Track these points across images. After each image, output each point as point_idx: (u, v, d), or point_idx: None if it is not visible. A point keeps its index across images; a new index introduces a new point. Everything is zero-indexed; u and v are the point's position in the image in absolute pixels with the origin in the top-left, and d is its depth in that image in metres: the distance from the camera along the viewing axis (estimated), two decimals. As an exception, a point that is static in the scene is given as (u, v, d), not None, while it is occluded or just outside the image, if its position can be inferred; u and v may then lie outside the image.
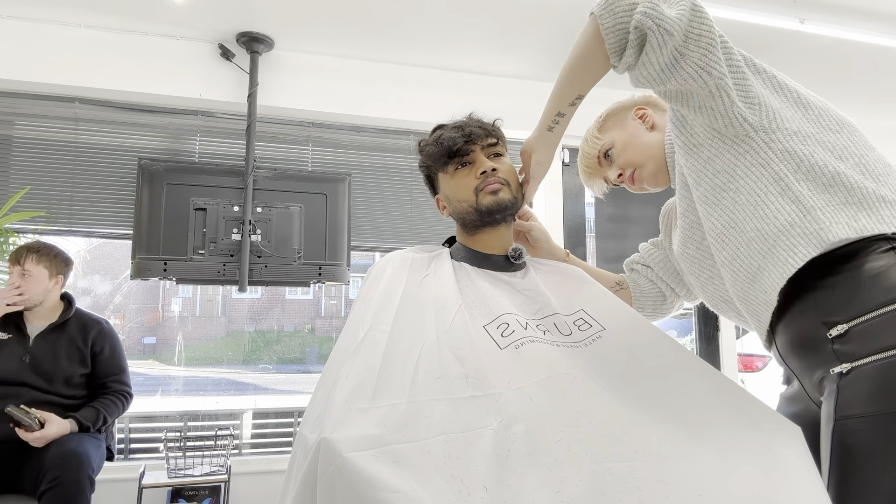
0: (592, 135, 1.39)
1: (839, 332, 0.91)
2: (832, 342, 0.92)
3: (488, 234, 1.24)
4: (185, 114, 3.06)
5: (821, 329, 0.94)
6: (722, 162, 1.05)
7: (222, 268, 2.78)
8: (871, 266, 0.92)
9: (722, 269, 1.11)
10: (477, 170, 1.22)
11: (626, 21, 0.98)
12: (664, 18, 0.95)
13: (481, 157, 1.23)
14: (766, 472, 0.84)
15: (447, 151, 1.22)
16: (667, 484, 0.78)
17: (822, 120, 1.05)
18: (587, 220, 3.64)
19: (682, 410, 0.93)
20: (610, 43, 1.00)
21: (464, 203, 1.22)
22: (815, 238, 0.95)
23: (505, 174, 1.23)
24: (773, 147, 1.01)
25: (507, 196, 1.21)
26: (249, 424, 3.27)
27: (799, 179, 0.99)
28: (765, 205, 1.00)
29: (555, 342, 1.03)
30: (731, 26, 2.85)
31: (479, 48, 3.12)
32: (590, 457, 0.81)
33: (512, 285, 1.17)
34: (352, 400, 0.84)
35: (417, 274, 1.14)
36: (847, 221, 0.95)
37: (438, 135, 1.26)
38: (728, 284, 1.11)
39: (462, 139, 1.21)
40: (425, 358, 0.93)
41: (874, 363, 0.87)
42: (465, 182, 1.22)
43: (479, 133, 1.23)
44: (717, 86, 0.99)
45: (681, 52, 0.97)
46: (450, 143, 1.22)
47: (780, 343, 1.06)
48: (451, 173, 1.25)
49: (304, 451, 0.83)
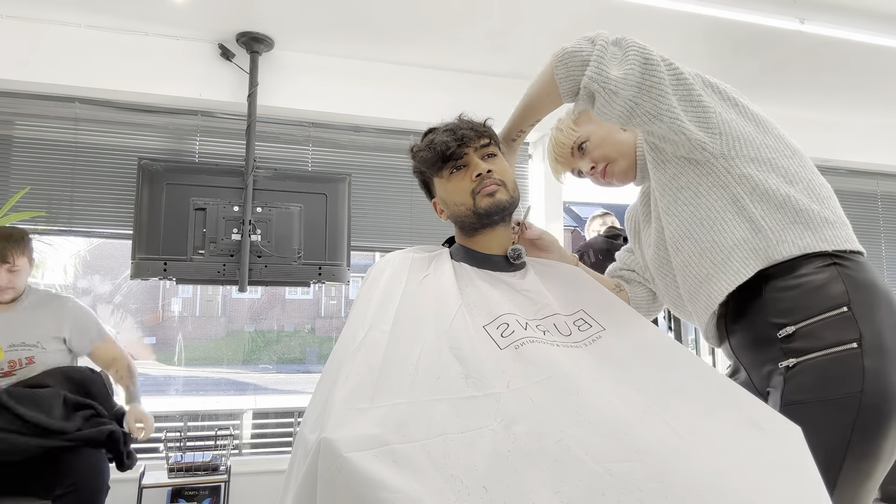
0: (568, 126, 1.43)
1: (787, 332, 1.09)
2: (781, 341, 1.10)
3: (487, 235, 1.24)
4: (185, 114, 3.06)
5: (772, 330, 1.12)
6: (686, 179, 1.20)
7: (222, 268, 2.78)
8: (814, 278, 1.10)
9: (676, 272, 1.28)
10: (472, 172, 1.21)
11: (577, 77, 1.11)
12: (609, 81, 1.08)
13: (475, 159, 1.22)
14: (766, 472, 0.84)
15: (440, 156, 1.21)
16: (666, 484, 0.78)
17: (778, 146, 1.19)
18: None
19: (682, 410, 0.93)
20: (563, 90, 1.15)
21: (461, 207, 1.22)
22: (764, 254, 1.13)
23: (500, 174, 1.22)
24: (731, 172, 1.16)
25: (504, 197, 1.21)
26: (249, 424, 3.28)
27: (754, 201, 1.15)
28: (722, 221, 1.16)
29: (555, 342, 1.03)
30: (731, 26, 2.86)
31: (479, 48, 3.12)
32: (590, 457, 0.81)
33: (512, 285, 1.17)
34: (352, 400, 0.85)
35: (417, 274, 1.14)
36: (793, 240, 1.12)
37: (430, 139, 1.25)
38: (680, 285, 1.28)
39: (455, 143, 1.21)
40: (425, 358, 0.94)
41: (816, 359, 1.05)
42: (462, 186, 1.22)
43: (470, 135, 1.22)
44: (672, 128, 1.12)
45: (632, 105, 1.10)
46: (442, 148, 1.21)
47: (733, 340, 1.23)
48: (447, 178, 1.24)
49: (304, 451, 0.83)
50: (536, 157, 3.57)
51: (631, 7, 2.71)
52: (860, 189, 4.15)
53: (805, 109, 3.91)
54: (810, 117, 3.93)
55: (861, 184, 4.16)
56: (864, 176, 4.16)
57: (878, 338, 1.04)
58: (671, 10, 2.70)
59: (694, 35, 2.96)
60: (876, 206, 4.17)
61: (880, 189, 4.19)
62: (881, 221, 4.15)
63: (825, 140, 3.95)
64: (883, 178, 4.20)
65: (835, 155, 3.96)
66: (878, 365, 1.02)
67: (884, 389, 1.01)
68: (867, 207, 4.15)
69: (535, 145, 3.57)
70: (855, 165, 4.08)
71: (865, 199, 4.16)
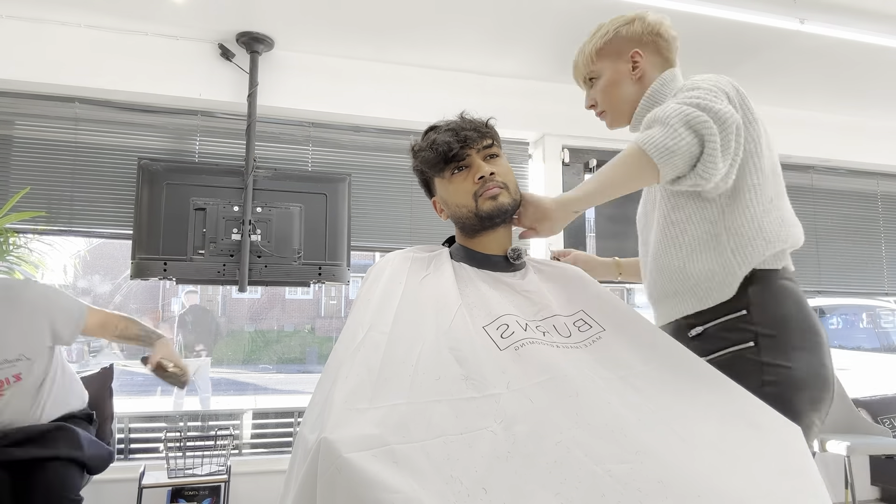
0: (590, 55, 1.44)
1: (697, 332, 1.28)
2: (691, 340, 1.28)
3: (488, 237, 1.24)
4: (185, 114, 3.06)
5: (685, 329, 1.31)
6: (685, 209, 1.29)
7: (222, 268, 2.78)
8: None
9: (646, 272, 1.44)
10: (475, 174, 1.20)
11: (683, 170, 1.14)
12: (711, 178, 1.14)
13: (478, 160, 1.21)
14: (766, 472, 0.84)
15: (442, 157, 1.20)
16: (666, 485, 0.78)
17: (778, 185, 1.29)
18: (587, 220, 3.64)
19: (682, 411, 0.93)
20: (664, 177, 1.15)
21: (463, 208, 1.21)
22: (729, 288, 1.25)
23: (503, 176, 1.22)
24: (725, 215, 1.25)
25: (506, 200, 1.20)
26: (249, 424, 3.27)
27: (730, 242, 1.25)
28: (700, 253, 1.27)
29: (554, 343, 1.03)
30: (731, 26, 2.86)
31: (479, 48, 3.12)
32: (589, 458, 0.81)
33: (512, 286, 1.16)
34: (352, 400, 0.84)
35: (417, 274, 1.14)
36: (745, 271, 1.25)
37: (432, 139, 1.23)
38: (645, 286, 1.45)
39: (457, 143, 1.19)
40: (425, 359, 0.93)
41: (720, 356, 1.22)
42: (464, 187, 1.21)
43: (473, 136, 1.21)
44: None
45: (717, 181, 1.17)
46: (444, 148, 1.19)
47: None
48: (448, 178, 1.23)
49: (304, 452, 0.83)
50: (536, 157, 3.57)
51: (630, 7, 2.70)
52: (860, 189, 4.15)
53: (805, 109, 3.90)
54: (810, 117, 3.93)
55: (861, 184, 4.15)
56: (864, 176, 4.16)
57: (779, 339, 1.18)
58: (671, 10, 2.70)
59: (694, 35, 2.96)
60: (876, 206, 4.16)
61: (880, 189, 4.18)
62: (881, 221, 4.15)
63: (825, 140, 3.95)
64: (883, 178, 4.19)
65: (835, 155, 3.96)
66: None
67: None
68: (867, 207, 4.14)
69: (535, 145, 3.57)
70: (855, 165, 4.08)
71: (865, 199, 4.15)
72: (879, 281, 4.08)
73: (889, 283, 4.09)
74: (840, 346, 5.03)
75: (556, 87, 3.42)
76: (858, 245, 4.06)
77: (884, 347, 5.09)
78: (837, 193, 4.08)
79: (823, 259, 3.95)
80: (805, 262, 3.91)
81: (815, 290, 3.96)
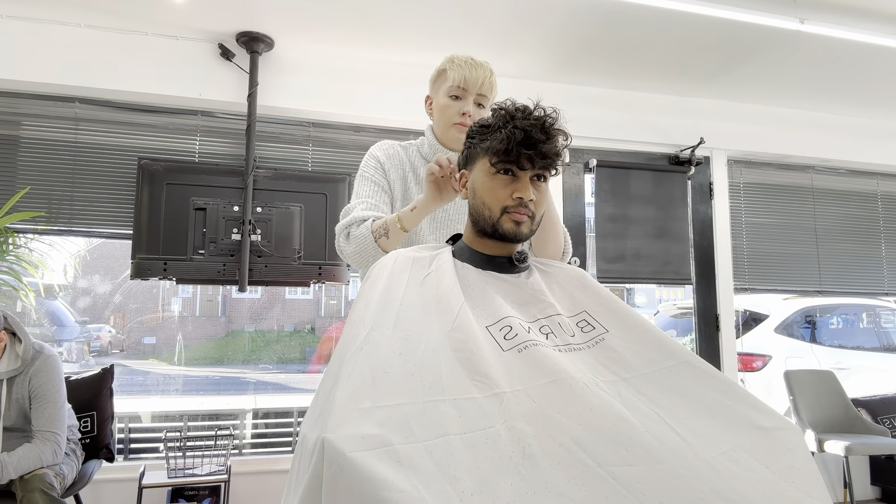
0: (492, 83, 1.76)
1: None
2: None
3: (497, 244, 1.23)
4: (185, 114, 3.06)
5: None
6: None
7: (222, 268, 2.77)
8: None
9: None
10: (516, 192, 1.17)
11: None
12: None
13: (527, 181, 1.18)
14: (768, 473, 0.84)
15: (508, 155, 1.16)
16: (670, 487, 0.78)
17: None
18: (587, 219, 3.64)
19: (685, 413, 0.93)
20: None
21: (485, 210, 1.19)
22: None
23: (536, 207, 1.20)
24: None
25: (526, 230, 1.19)
26: (249, 424, 3.27)
27: None
28: None
29: (557, 345, 1.03)
30: (731, 26, 2.86)
31: (479, 48, 3.12)
32: (593, 461, 0.81)
33: (515, 285, 1.16)
34: (353, 400, 0.84)
35: (419, 273, 1.13)
36: None
37: (510, 131, 1.15)
38: None
39: (526, 156, 1.15)
40: (427, 359, 0.93)
41: None
42: (499, 193, 1.18)
43: (544, 164, 1.17)
44: None
45: None
46: (515, 154, 1.15)
47: None
48: (491, 172, 1.20)
49: (306, 452, 0.83)
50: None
51: (630, 7, 2.71)
52: (860, 189, 4.15)
53: (805, 109, 3.90)
54: (810, 117, 3.93)
55: (861, 184, 4.15)
56: (864, 176, 4.16)
57: None
58: (671, 10, 2.70)
59: (694, 35, 2.96)
60: (876, 206, 4.17)
61: (880, 189, 4.19)
62: (881, 221, 4.15)
63: (825, 140, 3.95)
64: (883, 178, 4.20)
65: (835, 155, 3.96)
66: None
67: None
68: (867, 207, 4.15)
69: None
70: (855, 165, 4.08)
71: (865, 199, 4.15)
72: (879, 281, 4.08)
73: (889, 283, 4.09)
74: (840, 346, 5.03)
75: (556, 87, 3.42)
76: (858, 245, 4.07)
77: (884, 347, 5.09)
78: (837, 193, 4.08)
79: (823, 259, 3.95)
80: (805, 262, 3.91)
81: (815, 290, 3.96)
